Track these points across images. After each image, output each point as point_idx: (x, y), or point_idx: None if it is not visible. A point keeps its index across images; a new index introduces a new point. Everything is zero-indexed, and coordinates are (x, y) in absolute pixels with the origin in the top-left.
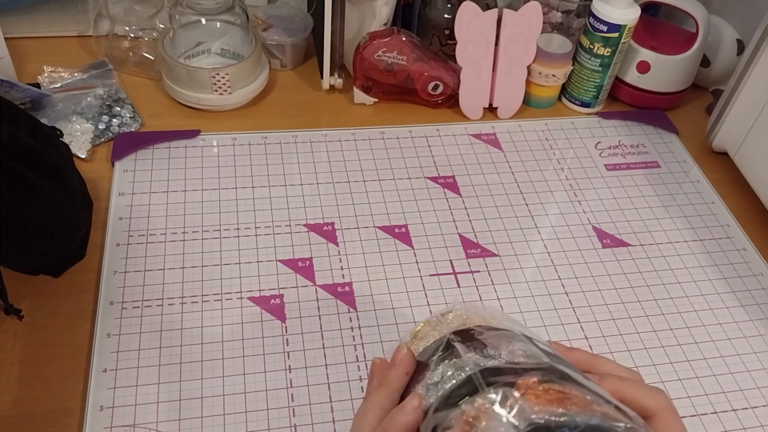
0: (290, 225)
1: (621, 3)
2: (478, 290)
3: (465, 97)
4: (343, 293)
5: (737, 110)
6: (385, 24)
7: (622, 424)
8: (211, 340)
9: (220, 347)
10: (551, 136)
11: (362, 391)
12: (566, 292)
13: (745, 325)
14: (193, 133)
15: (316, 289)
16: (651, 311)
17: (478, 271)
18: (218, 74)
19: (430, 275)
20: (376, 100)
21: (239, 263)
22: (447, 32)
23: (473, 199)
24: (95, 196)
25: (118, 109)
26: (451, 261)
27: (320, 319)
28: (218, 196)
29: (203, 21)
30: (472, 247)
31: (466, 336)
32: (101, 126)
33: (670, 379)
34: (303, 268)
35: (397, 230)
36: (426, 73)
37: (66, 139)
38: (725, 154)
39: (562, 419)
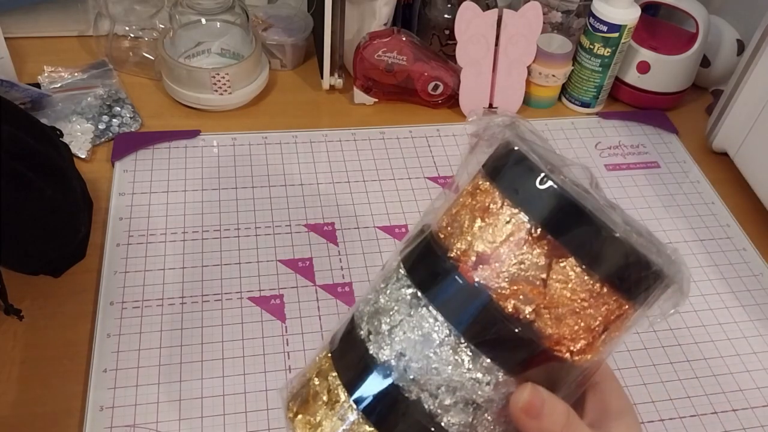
0: (290, 225)
1: (621, 3)
2: None
3: (465, 98)
4: (343, 293)
5: (737, 110)
6: (385, 24)
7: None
8: (211, 340)
9: (220, 347)
10: (551, 136)
11: None
12: None
13: (745, 325)
14: (193, 133)
15: (316, 289)
16: None
17: None
18: (218, 74)
19: None
20: (376, 100)
21: (239, 263)
22: (447, 32)
23: None
24: (95, 196)
25: (118, 109)
26: None
27: (320, 319)
28: (218, 196)
29: (203, 21)
30: None
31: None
32: (101, 126)
33: (670, 379)
34: (303, 268)
35: (397, 230)
36: (426, 73)
37: (66, 139)
38: (725, 154)
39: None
